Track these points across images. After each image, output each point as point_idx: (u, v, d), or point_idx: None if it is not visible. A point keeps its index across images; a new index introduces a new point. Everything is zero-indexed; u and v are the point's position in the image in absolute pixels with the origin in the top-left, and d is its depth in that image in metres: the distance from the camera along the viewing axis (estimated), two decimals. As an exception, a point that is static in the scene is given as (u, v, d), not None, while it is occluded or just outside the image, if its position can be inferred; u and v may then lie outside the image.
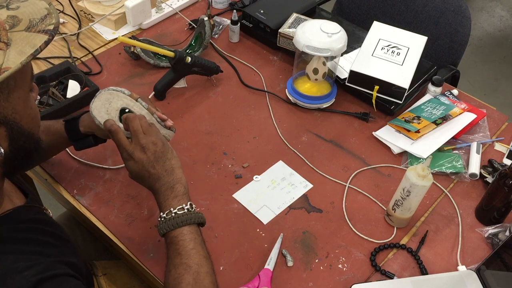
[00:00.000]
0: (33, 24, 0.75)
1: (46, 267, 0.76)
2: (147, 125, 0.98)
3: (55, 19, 0.76)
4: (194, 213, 0.93)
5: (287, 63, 1.49)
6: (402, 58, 1.34)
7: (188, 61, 1.32)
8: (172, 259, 0.90)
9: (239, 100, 1.38)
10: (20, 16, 0.74)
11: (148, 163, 0.94)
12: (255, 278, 1.00)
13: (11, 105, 0.74)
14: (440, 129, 1.28)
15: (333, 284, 1.02)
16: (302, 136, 1.29)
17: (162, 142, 0.97)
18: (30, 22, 0.74)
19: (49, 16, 0.76)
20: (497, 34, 3.32)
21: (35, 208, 0.89)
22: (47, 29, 0.75)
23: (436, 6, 1.64)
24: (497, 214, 1.10)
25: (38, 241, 0.81)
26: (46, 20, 0.76)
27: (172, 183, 0.94)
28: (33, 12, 0.76)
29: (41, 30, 0.74)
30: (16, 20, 0.74)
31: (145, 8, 1.53)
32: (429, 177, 1.00)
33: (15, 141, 0.76)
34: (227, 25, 1.59)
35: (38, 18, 0.75)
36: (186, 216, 0.92)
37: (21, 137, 0.77)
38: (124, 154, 0.95)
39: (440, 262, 1.06)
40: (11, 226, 0.80)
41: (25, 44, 0.72)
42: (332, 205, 1.15)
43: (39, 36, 0.73)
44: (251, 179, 1.19)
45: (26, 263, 0.74)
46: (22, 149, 0.79)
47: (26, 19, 0.75)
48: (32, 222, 0.84)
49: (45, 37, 0.74)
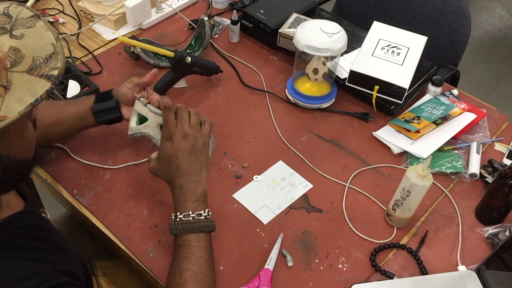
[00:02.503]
0: (36, 65, 0.70)
1: (46, 278, 0.76)
2: (197, 121, 1.00)
3: (61, 62, 0.71)
4: (210, 221, 0.95)
5: (287, 63, 1.49)
6: (402, 58, 1.34)
7: (188, 61, 1.32)
8: (179, 262, 0.90)
9: (239, 100, 1.38)
10: (24, 51, 0.69)
11: (183, 152, 0.95)
12: (255, 278, 1.00)
13: (6, 144, 0.72)
14: (440, 129, 1.28)
15: (333, 284, 1.02)
16: (302, 136, 1.29)
17: (203, 142, 0.99)
18: (34, 62, 0.69)
19: (54, 57, 0.71)
20: (497, 34, 3.32)
21: (32, 213, 0.88)
22: (51, 74, 0.70)
23: (436, 6, 1.64)
24: (497, 214, 1.10)
25: (36, 248, 0.80)
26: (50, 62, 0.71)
27: (196, 184, 0.95)
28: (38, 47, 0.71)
29: (44, 74, 0.69)
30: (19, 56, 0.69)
31: (145, 8, 1.53)
32: (429, 177, 1.00)
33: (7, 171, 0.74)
34: (227, 25, 1.59)
35: (42, 58, 0.70)
36: (203, 223, 0.93)
37: (14, 166, 0.75)
38: (166, 133, 0.97)
39: (440, 262, 1.06)
40: (8, 233, 0.79)
41: (26, 91, 0.67)
42: (332, 205, 1.15)
43: (41, 82, 0.69)
44: (251, 179, 1.19)
45: (25, 271, 0.74)
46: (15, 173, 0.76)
47: (30, 57, 0.69)
48: (29, 228, 0.83)
49: (47, 84, 0.69)
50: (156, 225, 1.09)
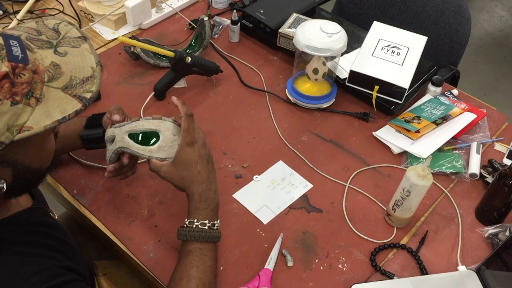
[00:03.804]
0: (72, 84, 0.71)
1: (53, 274, 0.76)
2: None
3: (96, 86, 0.73)
4: (219, 232, 0.96)
5: (287, 63, 1.49)
6: (402, 58, 1.34)
7: (188, 61, 1.32)
8: (188, 268, 0.90)
9: (239, 100, 1.38)
10: (63, 68, 0.71)
11: (203, 159, 0.95)
12: (255, 278, 1.00)
13: (23, 151, 0.72)
14: (440, 129, 1.28)
15: (333, 284, 1.02)
16: (302, 136, 1.29)
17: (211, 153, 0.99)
18: (70, 81, 0.71)
19: (91, 81, 0.73)
20: (497, 34, 3.32)
21: (40, 210, 0.90)
22: (83, 96, 0.71)
23: (436, 6, 1.64)
24: (497, 214, 1.10)
25: (43, 244, 0.81)
26: (86, 84, 0.72)
27: (214, 194, 0.96)
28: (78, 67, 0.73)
29: (77, 95, 0.71)
30: (58, 73, 0.70)
31: (145, 8, 1.53)
32: (429, 177, 1.00)
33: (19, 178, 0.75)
34: (227, 25, 1.59)
35: (79, 78, 0.72)
36: (216, 234, 0.94)
37: (27, 174, 0.76)
38: (188, 138, 0.94)
39: (440, 262, 1.06)
40: (16, 228, 0.80)
41: (56, 107, 0.69)
42: (332, 205, 1.15)
43: (73, 102, 0.70)
44: (251, 179, 1.19)
45: (33, 267, 0.74)
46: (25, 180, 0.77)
47: (68, 75, 0.71)
48: (37, 225, 0.84)
49: (78, 105, 0.70)
50: (156, 225, 1.09)
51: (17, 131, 0.66)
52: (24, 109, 0.66)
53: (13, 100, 0.65)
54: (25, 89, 0.66)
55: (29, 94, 0.67)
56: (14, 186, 0.75)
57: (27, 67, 0.67)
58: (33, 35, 0.73)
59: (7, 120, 0.65)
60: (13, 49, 0.66)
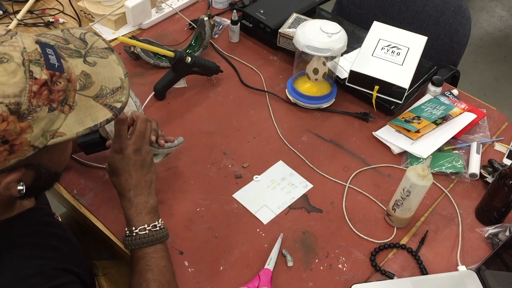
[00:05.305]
0: (103, 93, 0.73)
1: (52, 276, 0.76)
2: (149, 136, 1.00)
3: (125, 97, 0.75)
4: (165, 231, 0.96)
5: (287, 63, 1.49)
6: (402, 58, 1.34)
7: (188, 61, 1.32)
8: (142, 274, 0.90)
9: (239, 100, 1.38)
10: (94, 78, 0.73)
11: (134, 165, 0.95)
12: (255, 278, 1.00)
13: (49, 156, 0.74)
14: (440, 129, 1.28)
15: (333, 284, 1.02)
16: (302, 136, 1.29)
17: (151, 157, 1.00)
18: (101, 91, 0.73)
19: (121, 91, 0.75)
20: (497, 34, 3.32)
21: (43, 210, 0.90)
22: (114, 105, 0.73)
23: (436, 6, 1.64)
24: (497, 214, 1.10)
25: (44, 245, 0.81)
26: (116, 94, 0.74)
27: (147, 197, 0.96)
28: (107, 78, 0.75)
29: (108, 104, 0.73)
30: (88, 82, 0.72)
31: (145, 8, 1.53)
32: (429, 177, 1.00)
33: (39, 181, 0.76)
34: (227, 25, 1.59)
35: (109, 89, 0.74)
36: (160, 234, 0.94)
37: (47, 177, 0.77)
38: (116, 145, 0.95)
39: (440, 262, 1.06)
40: (19, 229, 0.80)
41: (88, 115, 0.71)
42: (332, 205, 1.15)
43: (104, 110, 0.72)
44: (251, 179, 1.19)
45: (32, 269, 0.75)
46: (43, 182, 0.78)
47: (98, 85, 0.73)
48: (39, 225, 0.84)
49: (108, 114, 0.73)
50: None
51: (50, 137, 0.68)
52: (59, 115, 0.68)
53: (50, 106, 0.67)
54: (61, 96, 0.68)
55: (64, 102, 0.69)
56: (32, 188, 0.76)
57: (62, 75, 0.69)
58: (61, 43, 0.75)
59: (44, 125, 0.67)
60: (50, 58, 0.68)
